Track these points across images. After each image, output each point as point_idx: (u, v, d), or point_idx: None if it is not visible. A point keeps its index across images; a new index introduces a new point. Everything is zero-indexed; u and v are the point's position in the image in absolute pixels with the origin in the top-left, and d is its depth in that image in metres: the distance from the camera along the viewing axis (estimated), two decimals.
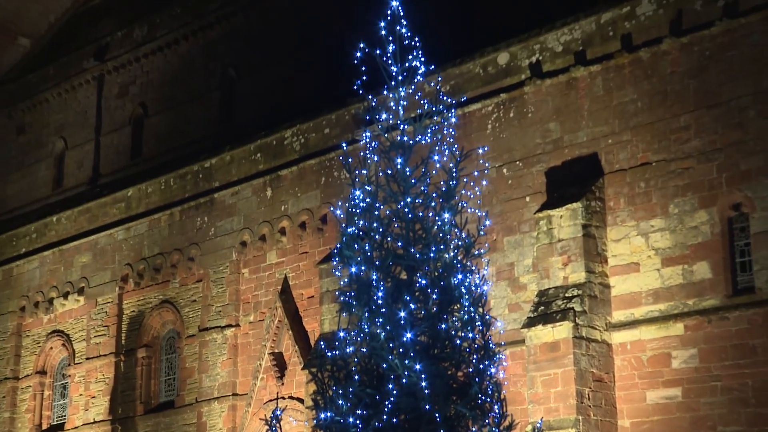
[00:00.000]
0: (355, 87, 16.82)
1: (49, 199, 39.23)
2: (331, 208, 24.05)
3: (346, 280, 14.58)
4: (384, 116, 15.46)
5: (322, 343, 22.04)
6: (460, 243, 14.63)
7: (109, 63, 38.89)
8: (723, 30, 19.24)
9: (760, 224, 18.49)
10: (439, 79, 20.88)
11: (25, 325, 33.01)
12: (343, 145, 22.49)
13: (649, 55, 20.21)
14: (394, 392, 13.48)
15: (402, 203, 14.58)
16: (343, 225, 14.92)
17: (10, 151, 42.48)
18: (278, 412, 14.81)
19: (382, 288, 14.05)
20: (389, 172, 14.87)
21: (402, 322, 13.77)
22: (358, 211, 14.69)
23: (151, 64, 37.58)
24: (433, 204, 14.72)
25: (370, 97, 16.71)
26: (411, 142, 15.05)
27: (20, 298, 33.20)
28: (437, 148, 15.15)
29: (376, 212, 14.63)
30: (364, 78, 16.47)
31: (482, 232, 15.41)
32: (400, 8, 15.55)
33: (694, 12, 19.60)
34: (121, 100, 38.43)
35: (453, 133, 15.54)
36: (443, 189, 14.77)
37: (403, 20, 15.58)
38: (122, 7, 43.91)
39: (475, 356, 14.16)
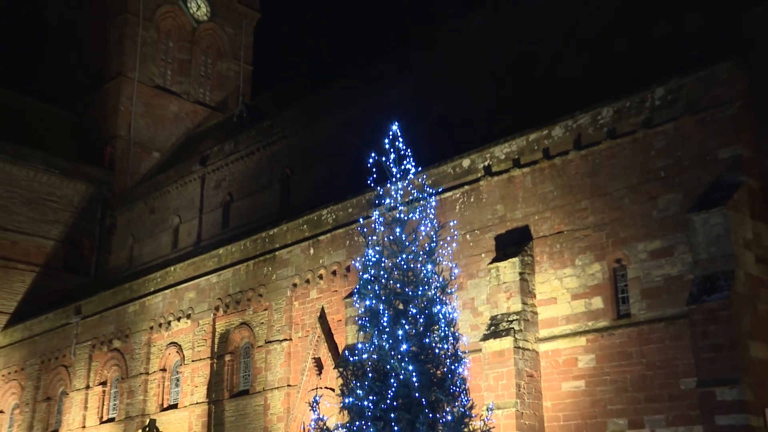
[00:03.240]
0: (369, 182, 16.87)
1: (169, 256, 39.35)
2: (353, 262, 23.96)
3: (362, 309, 14.51)
4: (387, 201, 15.46)
5: (346, 351, 21.82)
6: (438, 285, 14.58)
7: (209, 167, 39.20)
8: (607, 147, 19.20)
9: (634, 272, 18.30)
10: (424, 176, 20.79)
11: (152, 338, 32.76)
12: (361, 219, 22.44)
13: (561, 161, 20.14)
14: (395, 385, 13.34)
15: (400, 258, 14.53)
16: (361, 273, 14.85)
17: (144, 225, 42.76)
18: (317, 398, 14.51)
19: (386, 315, 13.97)
20: (391, 237, 14.85)
21: (400, 337, 13.66)
22: (370, 263, 14.65)
23: (236, 167, 37.86)
24: (420, 259, 14.65)
25: (378, 188, 16.67)
26: (405, 218, 15.05)
27: (150, 321, 32.99)
28: (423, 221, 15.13)
29: (383, 264, 14.58)
30: (375, 176, 16.49)
31: (453, 277, 15.38)
32: (398, 131, 15.64)
33: (588, 134, 19.57)
34: (216, 191, 38.63)
35: (433, 212, 15.52)
36: (427, 249, 14.74)
37: (400, 138, 15.67)
38: (218, 132, 44.48)
39: (448, 360, 14.06)
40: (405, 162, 15.56)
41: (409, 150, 15.71)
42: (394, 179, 15.43)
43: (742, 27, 18.24)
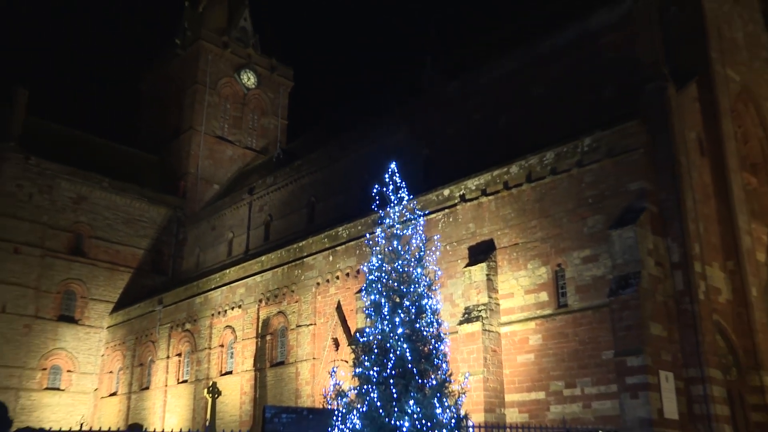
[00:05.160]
0: (373, 206, 16.83)
1: (225, 261, 39.38)
2: (361, 266, 24.09)
3: (368, 302, 14.33)
4: (387, 221, 15.41)
5: (357, 333, 21.64)
6: (425, 283, 14.35)
7: (254, 195, 39.27)
8: (550, 180, 19.39)
9: (570, 273, 18.46)
10: (415, 202, 20.57)
11: (213, 322, 32.82)
12: (367, 235, 22.30)
13: (516, 191, 20.34)
14: (393, 358, 13.21)
15: (397, 264, 14.42)
16: (367, 275, 14.78)
17: (207, 238, 42.77)
18: (335, 368, 14.53)
19: (387, 306, 13.89)
20: (390, 248, 14.75)
21: (397, 323, 13.58)
22: (374, 268, 14.50)
23: (274, 195, 37.94)
24: (412, 264, 14.57)
25: (380, 211, 16.68)
26: (401, 233, 14.97)
27: (211, 309, 33.07)
28: (414, 236, 15.11)
29: (384, 268, 14.48)
30: (378, 202, 16.50)
31: (437, 278, 15.23)
32: (395, 168, 15.67)
33: (536, 171, 19.77)
34: (260, 213, 38.68)
35: (422, 229, 15.50)
36: (417, 256, 14.60)
37: (397, 174, 15.66)
38: (261, 169, 44.54)
39: (433, 340, 13.89)
40: (400, 192, 15.52)
41: (403, 183, 15.63)
42: (392, 205, 15.46)
43: (643, 96, 18.59)
